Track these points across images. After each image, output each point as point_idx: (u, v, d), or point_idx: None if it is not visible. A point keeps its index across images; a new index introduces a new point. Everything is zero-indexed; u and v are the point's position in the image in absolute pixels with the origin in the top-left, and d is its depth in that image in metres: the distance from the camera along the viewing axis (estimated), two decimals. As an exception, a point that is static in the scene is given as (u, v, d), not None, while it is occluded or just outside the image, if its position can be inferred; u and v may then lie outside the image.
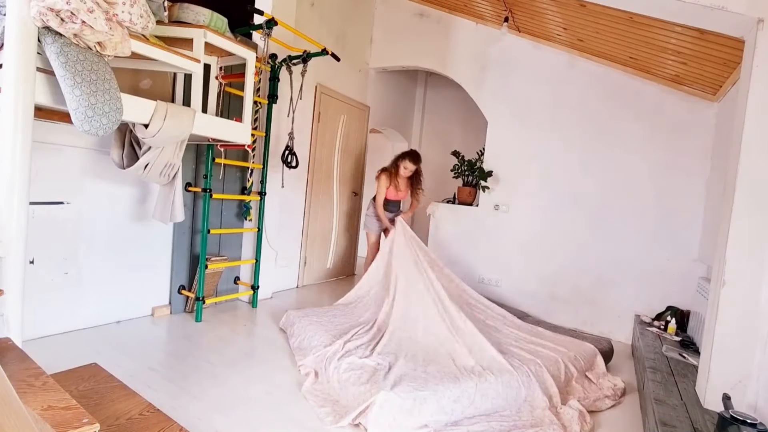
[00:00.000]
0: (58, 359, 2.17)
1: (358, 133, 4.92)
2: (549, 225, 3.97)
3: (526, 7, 3.58)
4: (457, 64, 4.47)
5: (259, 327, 3.07)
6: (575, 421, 2.04)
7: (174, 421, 1.27)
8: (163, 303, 3.09)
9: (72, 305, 2.57)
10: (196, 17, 2.20)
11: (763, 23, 1.91)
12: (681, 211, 3.45)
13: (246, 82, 2.51)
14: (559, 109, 3.95)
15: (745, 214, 1.93)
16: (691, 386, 2.20)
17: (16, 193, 1.43)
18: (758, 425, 1.60)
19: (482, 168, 4.25)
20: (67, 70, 1.48)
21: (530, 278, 4.05)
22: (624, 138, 3.67)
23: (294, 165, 3.60)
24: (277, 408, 2.01)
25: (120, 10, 1.58)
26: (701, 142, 3.38)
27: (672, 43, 2.90)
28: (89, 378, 1.43)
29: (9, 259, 1.43)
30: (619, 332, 3.65)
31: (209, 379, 2.22)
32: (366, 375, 2.11)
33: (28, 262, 2.30)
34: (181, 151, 2.37)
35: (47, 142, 2.36)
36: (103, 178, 2.65)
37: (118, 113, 1.64)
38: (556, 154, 3.96)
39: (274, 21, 2.99)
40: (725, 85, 3.00)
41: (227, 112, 3.15)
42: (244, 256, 3.61)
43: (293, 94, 3.56)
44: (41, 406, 0.88)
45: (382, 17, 4.90)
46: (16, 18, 1.40)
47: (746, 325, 1.93)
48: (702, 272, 3.30)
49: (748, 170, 1.93)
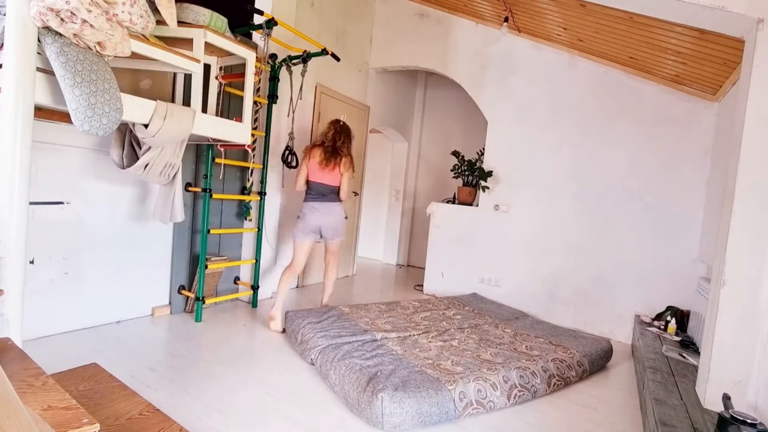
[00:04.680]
0: (58, 359, 2.17)
1: (358, 133, 4.92)
2: (549, 225, 3.97)
3: (526, 7, 3.58)
4: (457, 64, 4.48)
5: (259, 327, 3.07)
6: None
7: (174, 421, 1.27)
8: (163, 303, 3.09)
9: (72, 305, 2.57)
10: (196, 17, 2.20)
11: (763, 23, 1.91)
12: (681, 211, 3.45)
13: (246, 82, 2.51)
14: (559, 109, 3.95)
15: (745, 214, 1.93)
16: (691, 386, 2.20)
17: (16, 193, 1.43)
18: (758, 425, 1.60)
19: (482, 168, 4.26)
20: (67, 70, 1.48)
21: (530, 278, 4.05)
22: (624, 137, 3.67)
23: (294, 165, 3.60)
24: (276, 408, 2.01)
25: (120, 10, 1.58)
26: (701, 142, 3.38)
27: (672, 43, 2.90)
28: (89, 378, 1.43)
29: (9, 259, 1.43)
30: (619, 332, 3.65)
31: (209, 378, 2.22)
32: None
33: (28, 262, 2.30)
34: (181, 151, 2.37)
35: (47, 142, 2.36)
36: (103, 178, 2.65)
37: (118, 113, 1.64)
38: (556, 154, 3.96)
39: (274, 21, 2.99)
40: (725, 85, 3.00)
41: (227, 112, 3.14)
42: (244, 256, 3.61)
43: (293, 94, 3.56)
44: (41, 406, 0.88)
45: (382, 17, 4.90)
46: (16, 18, 1.40)
47: (746, 325, 1.93)
48: (702, 272, 3.30)
49: (748, 170, 1.93)
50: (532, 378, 2.37)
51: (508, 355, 2.57)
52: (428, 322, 3.10)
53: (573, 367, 2.62)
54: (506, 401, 2.20)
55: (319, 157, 3.04)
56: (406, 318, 3.12)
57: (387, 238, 6.14)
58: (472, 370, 2.28)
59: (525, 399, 2.30)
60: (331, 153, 3.05)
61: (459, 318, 3.29)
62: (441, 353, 2.50)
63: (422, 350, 2.51)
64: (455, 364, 2.34)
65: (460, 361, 2.40)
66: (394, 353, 2.41)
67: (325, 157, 3.03)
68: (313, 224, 3.08)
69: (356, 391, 2.01)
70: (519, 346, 2.79)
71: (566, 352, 2.72)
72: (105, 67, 1.61)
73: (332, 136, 3.09)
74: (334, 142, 3.08)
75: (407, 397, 1.91)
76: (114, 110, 1.61)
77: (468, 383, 2.12)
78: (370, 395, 1.92)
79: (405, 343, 2.60)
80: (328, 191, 3.11)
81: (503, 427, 2.06)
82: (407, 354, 2.42)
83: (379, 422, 1.87)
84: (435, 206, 4.54)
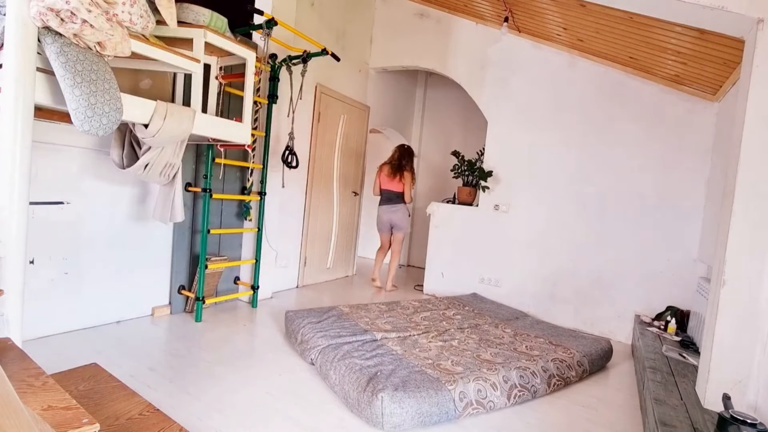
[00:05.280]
0: (58, 359, 2.17)
1: (358, 133, 4.92)
2: (549, 225, 3.97)
3: (526, 7, 3.58)
4: (457, 64, 4.48)
5: (259, 327, 3.07)
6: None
7: (174, 421, 1.27)
8: (163, 303, 3.09)
9: (72, 305, 2.57)
10: (196, 17, 2.20)
11: (763, 23, 1.91)
12: (681, 211, 3.45)
13: (246, 82, 2.51)
14: (559, 109, 3.95)
15: (745, 214, 1.93)
16: (691, 386, 2.20)
17: (16, 193, 1.43)
18: (758, 425, 1.60)
19: (482, 168, 4.26)
20: (67, 70, 1.48)
21: (530, 278, 4.05)
22: (624, 138, 3.67)
23: (294, 165, 3.60)
24: (276, 408, 2.01)
25: (120, 10, 1.58)
26: (701, 142, 3.38)
27: (672, 43, 2.90)
28: (89, 378, 1.43)
29: (9, 259, 1.43)
30: (619, 332, 3.65)
31: (209, 378, 2.22)
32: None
33: (28, 262, 2.30)
34: (181, 151, 2.37)
35: (47, 142, 2.36)
36: (103, 178, 2.65)
37: (118, 113, 1.64)
38: (556, 154, 3.96)
39: (274, 21, 2.99)
40: (725, 85, 3.00)
41: (227, 112, 3.15)
42: (244, 256, 3.61)
43: (293, 94, 3.56)
44: (41, 406, 0.88)
45: (382, 17, 4.90)
46: (16, 18, 1.40)
47: (746, 324, 1.92)
48: (702, 272, 3.30)
49: (748, 170, 1.93)
50: (532, 378, 2.37)
51: (508, 355, 2.57)
52: (428, 322, 3.10)
53: (573, 367, 2.62)
54: (506, 401, 2.20)
55: (386, 171, 4.36)
56: (406, 318, 3.12)
57: (387, 238, 6.14)
58: (472, 370, 2.28)
59: (525, 399, 2.31)
60: (396, 168, 4.33)
61: (459, 318, 3.29)
62: (441, 353, 2.50)
63: (422, 350, 2.51)
64: (455, 364, 2.34)
65: (460, 361, 2.40)
66: (394, 353, 2.41)
67: (391, 171, 4.33)
68: (385, 220, 4.42)
69: (356, 391, 2.01)
70: (519, 346, 2.79)
71: (566, 352, 2.72)
72: (105, 67, 1.61)
73: (397, 156, 4.40)
74: (399, 161, 4.37)
75: (407, 397, 1.91)
76: (114, 110, 1.61)
77: (468, 383, 2.12)
78: (370, 395, 1.92)
79: (405, 343, 2.61)
80: (394, 196, 4.36)
81: (503, 427, 2.06)
82: (407, 354, 2.42)
83: (379, 422, 1.87)
84: (435, 206, 4.54)
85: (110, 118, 1.60)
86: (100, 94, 1.56)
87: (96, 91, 1.54)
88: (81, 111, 1.52)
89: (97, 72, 1.56)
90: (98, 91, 1.55)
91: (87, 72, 1.53)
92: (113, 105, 1.61)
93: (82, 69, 1.52)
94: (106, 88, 1.58)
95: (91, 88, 1.53)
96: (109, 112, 1.59)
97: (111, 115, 1.60)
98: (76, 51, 1.51)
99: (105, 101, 1.57)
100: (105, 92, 1.57)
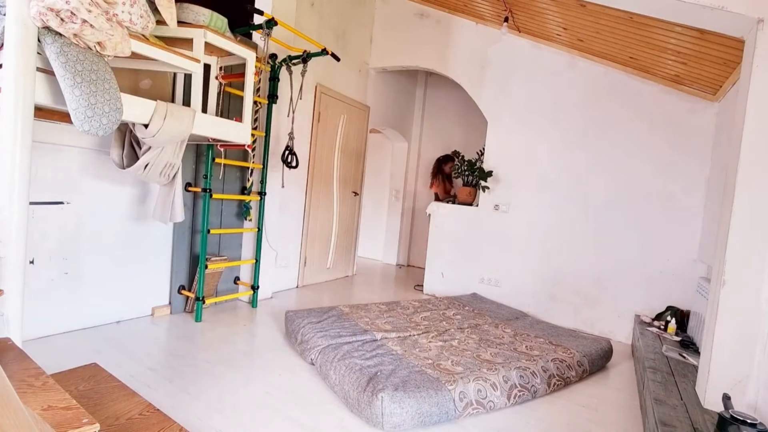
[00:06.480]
0: (58, 359, 2.17)
1: (358, 133, 4.92)
2: (549, 225, 3.97)
3: (526, 7, 3.58)
4: (457, 64, 4.48)
5: (259, 327, 3.07)
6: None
7: (174, 421, 1.27)
8: (163, 303, 3.09)
9: (72, 305, 2.57)
10: (196, 17, 2.20)
11: (763, 23, 1.91)
12: (681, 211, 3.45)
13: (246, 82, 2.51)
14: (559, 109, 3.95)
15: (745, 214, 1.93)
16: (691, 386, 2.20)
17: (16, 193, 1.43)
18: (758, 425, 1.60)
19: (482, 168, 4.26)
20: (67, 70, 1.48)
21: (530, 278, 4.05)
22: (624, 138, 3.67)
23: (294, 165, 3.60)
24: (276, 408, 2.01)
25: (120, 10, 1.58)
26: (701, 141, 3.38)
27: (672, 43, 2.90)
28: (89, 378, 1.43)
29: (9, 259, 1.43)
30: (619, 332, 3.65)
31: (209, 378, 2.22)
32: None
33: (28, 262, 2.30)
34: (181, 151, 2.37)
35: (47, 142, 2.36)
36: (103, 178, 2.65)
37: (118, 113, 1.64)
38: (556, 154, 3.96)
39: (274, 21, 2.99)
40: (725, 85, 3.00)
41: (227, 112, 3.14)
42: (244, 256, 3.61)
43: (293, 94, 3.56)
44: (41, 406, 0.88)
45: (382, 17, 4.90)
46: (16, 18, 1.40)
47: (746, 325, 1.92)
48: (702, 272, 3.30)
49: (748, 170, 1.93)
50: (532, 378, 2.37)
51: (508, 355, 2.57)
52: (428, 322, 3.10)
53: (573, 367, 2.62)
54: (506, 401, 2.20)
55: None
56: (406, 318, 3.12)
57: (387, 238, 6.15)
58: (472, 370, 2.28)
59: (525, 399, 2.30)
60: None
61: (459, 318, 3.29)
62: (441, 353, 2.50)
63: (422, 350, 2.51)
64: (455, 364, 2.34)
65: (460, 361, 2.40)
66: (394, 353, 2.41)
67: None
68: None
69: (356, 391, 2.01)
70: (519, 346, 2.79)
71: (566, 352, 2.72)
72: (105, 67, 1.61)
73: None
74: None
75: (407, 397, 1.91)
76: (114, 110, 1.61)
77: (468, 383, 2.12)
78: (370, 395, 1.92)
79: (405, 343, 2.61)
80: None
81: (503, 427, 2.06)
82: (407, 354, 2.42)
83: (379, 422, 1.87)
84: (435, 206, 4.54)
85: (110, 118, 1.60)
86: (100, 94, 1.56)
87: (96, 91, 1.54)
88: (81, 111, 1.52)
89: (97, 72, 1.56)
90: (98, 91, 1.55)
91: (87, 72, 1.53)
92: (113, 105, 1.61)
93: (82, 69, 1.52)
94: (106, 88, 1.58)
95: (91, 88, 1.53)
96: (109, 112, 1.59)
97: (111, 115, 1.60)
98: (76, 51, 1.51)
99: (105, 101, 1.57)
100: (105, 92, 1.57)
